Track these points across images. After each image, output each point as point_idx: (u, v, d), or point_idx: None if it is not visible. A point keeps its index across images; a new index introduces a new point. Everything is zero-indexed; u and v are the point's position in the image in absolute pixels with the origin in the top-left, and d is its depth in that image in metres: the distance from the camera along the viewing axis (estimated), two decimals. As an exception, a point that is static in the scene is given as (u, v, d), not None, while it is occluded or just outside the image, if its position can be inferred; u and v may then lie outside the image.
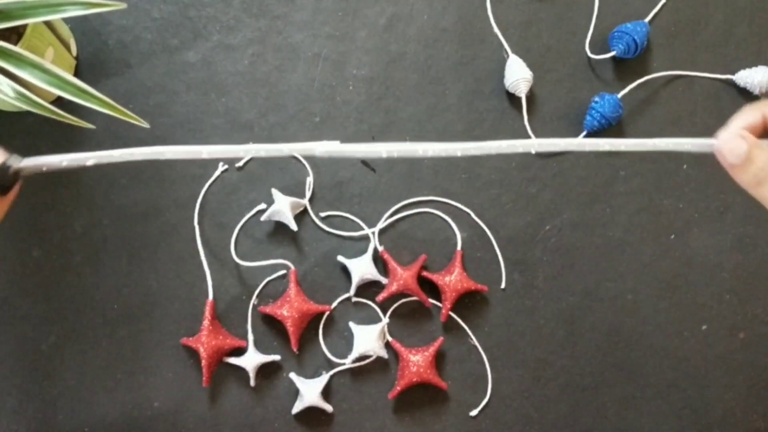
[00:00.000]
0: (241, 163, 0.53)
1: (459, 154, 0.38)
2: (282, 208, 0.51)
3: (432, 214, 0.53)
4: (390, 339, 0.51)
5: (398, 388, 0.50)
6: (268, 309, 0.51)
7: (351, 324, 0.51)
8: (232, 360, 0.50)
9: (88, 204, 0.52)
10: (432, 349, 0.50)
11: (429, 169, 0.54)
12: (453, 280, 0.51)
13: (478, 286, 0.51)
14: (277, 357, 0.51)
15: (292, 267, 0.52)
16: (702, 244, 0.54)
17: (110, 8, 0.40)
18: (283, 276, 0.52)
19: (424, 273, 0.52)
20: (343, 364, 0.51)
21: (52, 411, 0.50)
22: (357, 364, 0.51)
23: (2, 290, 0.51)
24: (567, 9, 0.56)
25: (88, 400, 0.50)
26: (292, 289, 0.51)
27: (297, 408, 0.50)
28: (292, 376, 0.50)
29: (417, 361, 0.50)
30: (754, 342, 0.54)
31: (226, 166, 0.53)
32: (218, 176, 0.53)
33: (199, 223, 0.52)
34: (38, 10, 0.40)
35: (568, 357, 0.53)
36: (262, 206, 0.53)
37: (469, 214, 0.53)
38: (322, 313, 0.51)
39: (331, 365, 0.51)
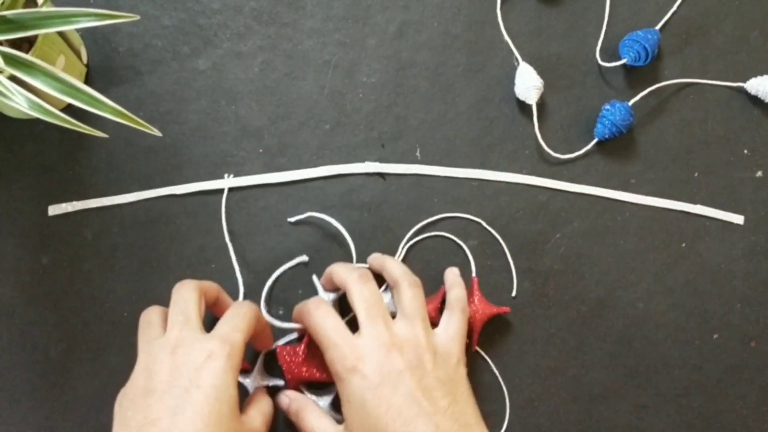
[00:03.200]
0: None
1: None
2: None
3: (445, 238, 0.53)
4: None
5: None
6: None
7: None
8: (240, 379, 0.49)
9: (97, 211, 0.52)
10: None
11: (439, 177, 0.54)
12: (476, 309, 0.50)
13: (501, 309, 0.51)
14: (280, 382, 0.50)
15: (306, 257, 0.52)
16: (713, 252, 0.54)
17: (123, 20, 0.40)
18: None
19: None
20: None
21: (62, 419, 0.50)
22: None
23: (12, 298, 0.51)
24: (577, 17, 0.56)
25: (98, 407, 0.50)
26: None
27: None
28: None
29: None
30: (766, 351, 0.53)
31: (231, 175, 0.52)
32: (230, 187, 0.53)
33: (207, 230, 0.52)
34: (51, 21, 0.40)
35: (578, 366, 0.52)
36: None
37: (480, 222, 0.53)
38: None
39: None
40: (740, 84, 0.55)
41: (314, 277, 0.51)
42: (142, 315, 0.45)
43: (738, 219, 0.54)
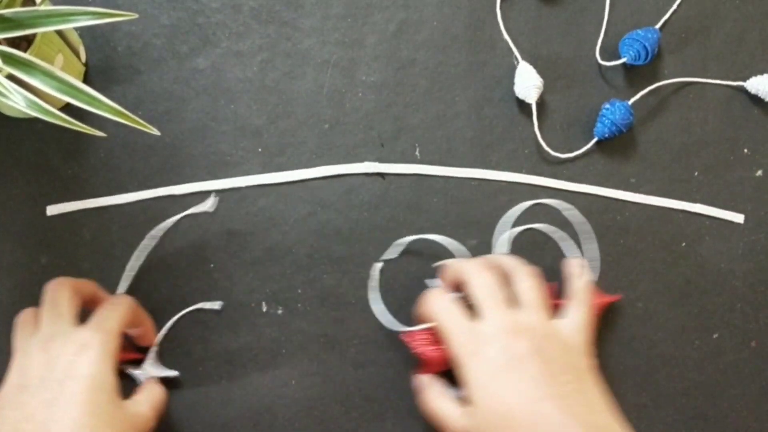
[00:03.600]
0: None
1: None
2: None
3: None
4: None
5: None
6: None
7: None
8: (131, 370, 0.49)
9: (96, 211, 0.52)
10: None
11: (438, 177, 0.53)
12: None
13: (612, 298, 0.50)
14: (173, 373, 0.50)
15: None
16: (713, 252, 0.54)
17: (122, 18, 0.40)
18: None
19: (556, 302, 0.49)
20: None
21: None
22: None
23: (10, 297, 0.51)
24: (577, 16, 0.56)
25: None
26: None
27: None
28: None
29: None
30: (766, 351, 0.53)
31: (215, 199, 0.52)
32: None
33: (206, 229, 0.52)
34: (49, 20, 0.40)
35: (578, 365, 0.52)
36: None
37: (481, 221, 0.53)
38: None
39: None
40: (740, 83, 0.55)
41: (428, 282, 0.52)
42: (17, 317, 0.46)
43: (738, 218, 0.54)
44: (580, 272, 0.50)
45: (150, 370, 0.50)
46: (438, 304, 0.47)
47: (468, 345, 0.44)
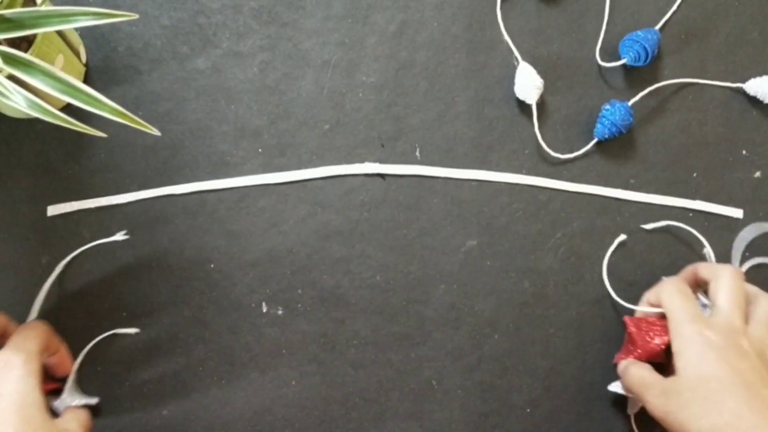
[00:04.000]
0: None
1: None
2: None
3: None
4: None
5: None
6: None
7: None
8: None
9: (97, 211, 0.52)
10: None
11: (438, 177, 0.54)
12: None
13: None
14: (93, 400, 0.49)
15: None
16: (713, 251, 0.54)
17: (122, 19, 0.40)
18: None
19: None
20: None
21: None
22: None
23: (11, 297, 0.51)
24: (577, 17, 0.56)
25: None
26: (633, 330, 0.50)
27: None
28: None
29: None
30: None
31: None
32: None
33: (206, 230, 0.52)
34: (50, 20, 0.40)
35: (578, 367, 0.52)
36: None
37: (481, 222, 0.53)
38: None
39: None
40: (739, 85, 0.55)
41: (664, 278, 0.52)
42: None
43: (737, 213, 0.54)
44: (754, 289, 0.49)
45: (68, 400, 0.48)
46: (673, 286, 0.47)
47: (695, 324, 0.44)
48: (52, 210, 0.52)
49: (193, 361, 0.51)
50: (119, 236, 0.51)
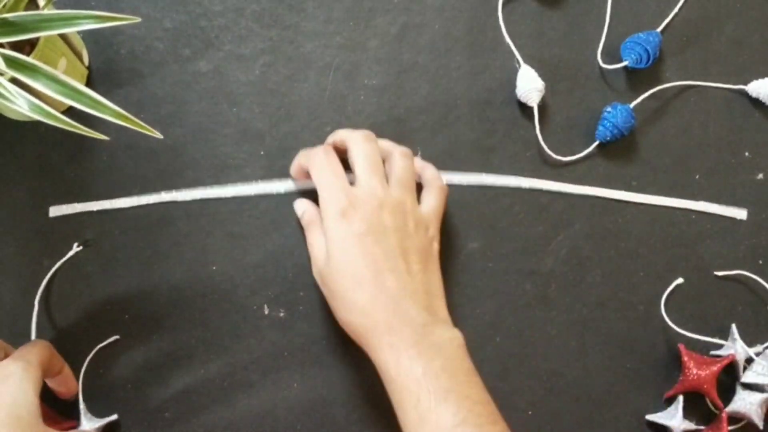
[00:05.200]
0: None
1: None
2: None
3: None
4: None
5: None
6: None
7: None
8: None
9: (99, 214, 0.52)
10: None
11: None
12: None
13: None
14: (112, 417, 0.49)
15: None
16: (715, 255, 0.54)
17: (124, 22, 0.40)
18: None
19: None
20: None
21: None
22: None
23: (13, 300, 0.51)
24: (579, 19, 0.56)
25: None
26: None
27: None
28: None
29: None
30: None
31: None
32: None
33: (209, 232, 0.52)
34: (53, 23, 0.40)
35: (580, 368, 0.52)
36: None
37: (482, 224, 0.53)
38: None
39: None
40: (741, 86, 0.55)
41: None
42: None
43: (741, 214, 0.54)
44: (423, 164, 0.51)
45: (88, 426, 0.49)
46: (322, 159, 0.48)
47: (339, 203, 0.46)
48: (54, 211, 0.52)
49: (194, 364, 0.51)
50: (75, 249, 0.51)
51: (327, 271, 0.47)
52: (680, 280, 0.53)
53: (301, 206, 0.51)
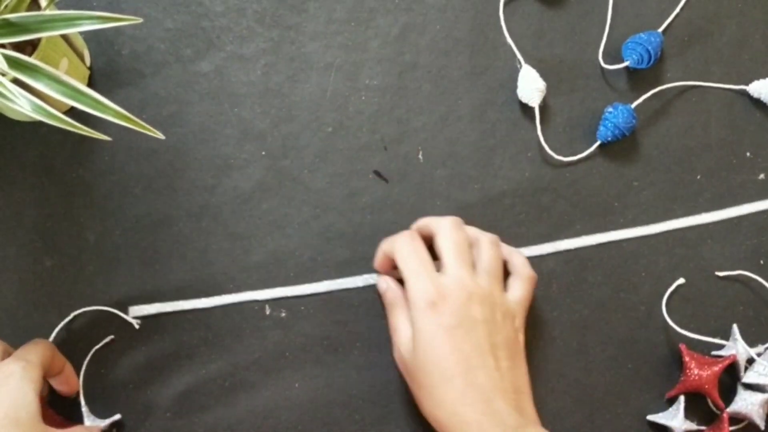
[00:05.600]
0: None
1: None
2: None
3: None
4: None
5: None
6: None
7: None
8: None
9: (101, 214, 0.52)
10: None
11: (442, 179, 0.54)
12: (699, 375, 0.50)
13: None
14: (115, 417, 0.49)
15: None
16: (716, 255, 0.54)
17: (126, 22, 0.40)
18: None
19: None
20: None
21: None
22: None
23: (15, 299, 0.51)
24: (580, 19, 0.56)
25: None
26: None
27: None
28: None
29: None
30: (769, 354, 0.53)
31: None
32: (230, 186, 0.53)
33: (210, 232, 0.52)
34: (54, 24, 0.40)
35: (581, 369, 0.52)
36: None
37: (484, 225, 0.53)
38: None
39: None
40: (743, 87, 0.55)
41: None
42: None
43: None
44: (509, 250, 0.51)
45: (92, 427, 0.49)
46: (408, 246, 0.47)
47: (427, 293, 0.45)
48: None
49: (196, 364, 0.51)
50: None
51: (414, 363, 0.45)
52: (681, 281, 0.53)
53: (384, 284, 0.50)
